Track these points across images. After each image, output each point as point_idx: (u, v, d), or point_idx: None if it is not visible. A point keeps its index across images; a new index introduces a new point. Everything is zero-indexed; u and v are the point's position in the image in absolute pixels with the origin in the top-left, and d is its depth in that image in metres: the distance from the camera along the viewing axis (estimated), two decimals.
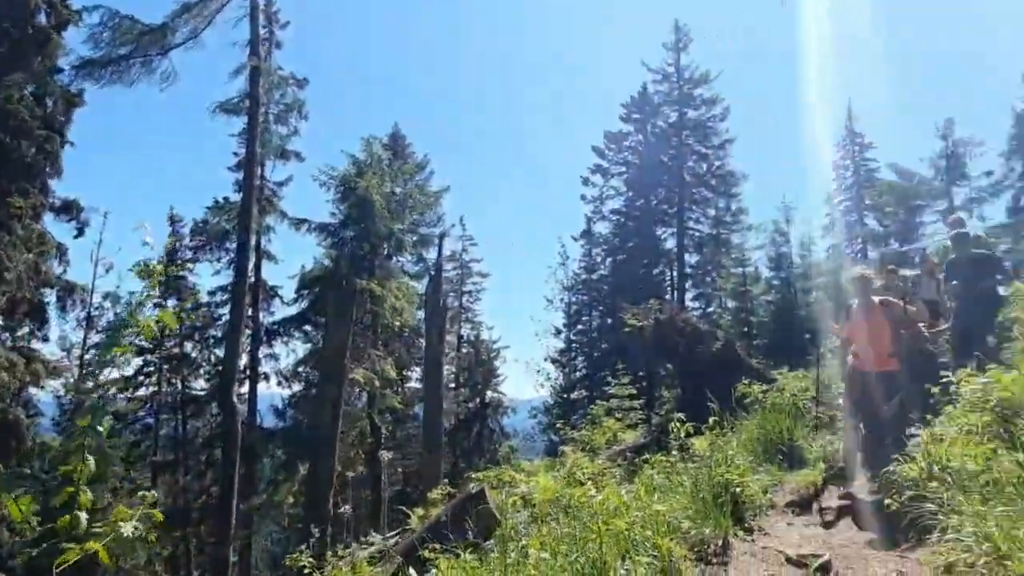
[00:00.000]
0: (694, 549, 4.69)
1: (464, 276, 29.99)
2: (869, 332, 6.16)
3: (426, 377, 12.41)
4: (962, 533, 3.74)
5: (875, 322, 6.14)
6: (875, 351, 6.10)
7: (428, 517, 8.25)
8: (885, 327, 6.11)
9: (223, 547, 15.65)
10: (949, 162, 26.26)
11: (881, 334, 6.10)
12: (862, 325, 6.23)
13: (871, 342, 6.13)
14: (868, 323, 6.18)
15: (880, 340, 6.08)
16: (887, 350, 6.06)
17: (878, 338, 6.09)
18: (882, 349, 6.07)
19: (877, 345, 6.09)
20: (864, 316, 6.23)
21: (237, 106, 19.65)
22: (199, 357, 25.50)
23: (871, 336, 6.13)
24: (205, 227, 23.31)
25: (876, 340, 6.10)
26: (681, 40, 30.07)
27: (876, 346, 6.09)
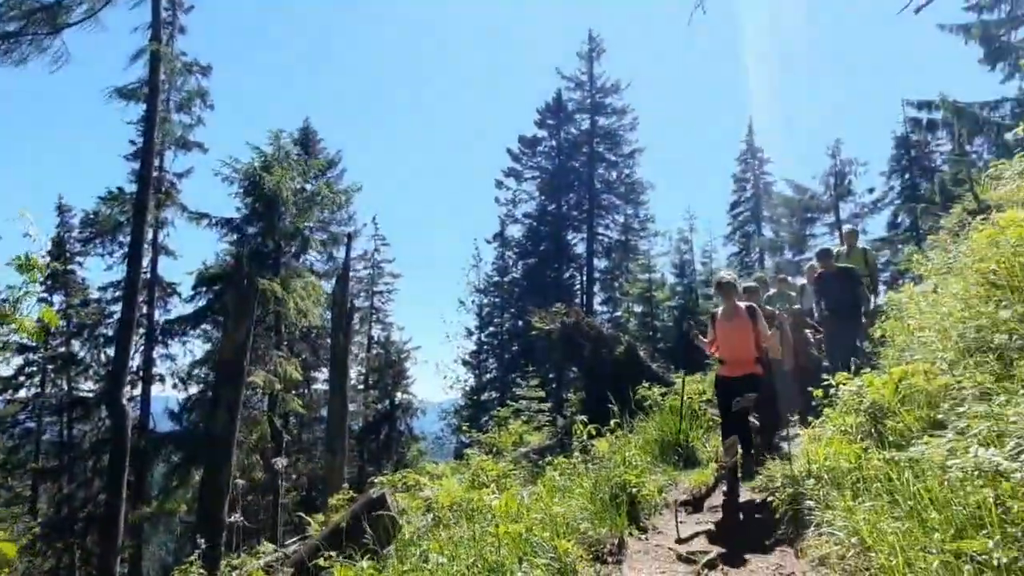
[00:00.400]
0: (591, 549, 4.78)
1: (376, 276, 29.50)
2: (732, 338, 6.01)
3: (331, 378, 12.11)
4: (834, 527, 4.00)
5: (738, 328, 5.98)
6: (738, 357, 5.97)
7: (328, 524, 8.03)
8: (747, 333, 5.96)
9: (109, 558, 14.69)
10: (837, 179, 28.13)
11: (744, 340, 5.96)
12: (726, 331, 6.07)
13: (734, 348, 6.00)
14: (731, 329, 6.02)
15: (743, 346, 5.96)
16: (750, 356, 5.96)
17: (741, 344, 5.96)
18: (745, 355, 5.96)
19: (740, 351, 5.97)
20: (727, 322, 6.06)
21: (135, 92, 18.51)
22: (88, 357, 23.86)
23: (734, 342, 5.99)
24: (97, 218, 21.79)
25: (739, 346, 5.97)
26: (594, 49, 30.83)
27: (739, 352, 5.97)
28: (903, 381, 5.14)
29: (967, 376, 4.46)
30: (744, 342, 5.95)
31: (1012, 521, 2.84)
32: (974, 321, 5.10)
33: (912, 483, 3.74)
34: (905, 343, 6.73)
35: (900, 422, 4.77)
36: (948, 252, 9.35)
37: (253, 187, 19.12)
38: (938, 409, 4.75)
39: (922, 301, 7.36)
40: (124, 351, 16.16)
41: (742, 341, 5.94)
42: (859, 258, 9.91)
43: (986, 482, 3.25)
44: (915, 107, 25.61)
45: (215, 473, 10.70)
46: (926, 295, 7.69)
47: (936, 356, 5.51)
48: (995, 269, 5.02)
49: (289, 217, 19.22)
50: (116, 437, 15.57)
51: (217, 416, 10.77)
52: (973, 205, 10.98)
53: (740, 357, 5.95)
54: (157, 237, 21.12)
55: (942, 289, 7.30)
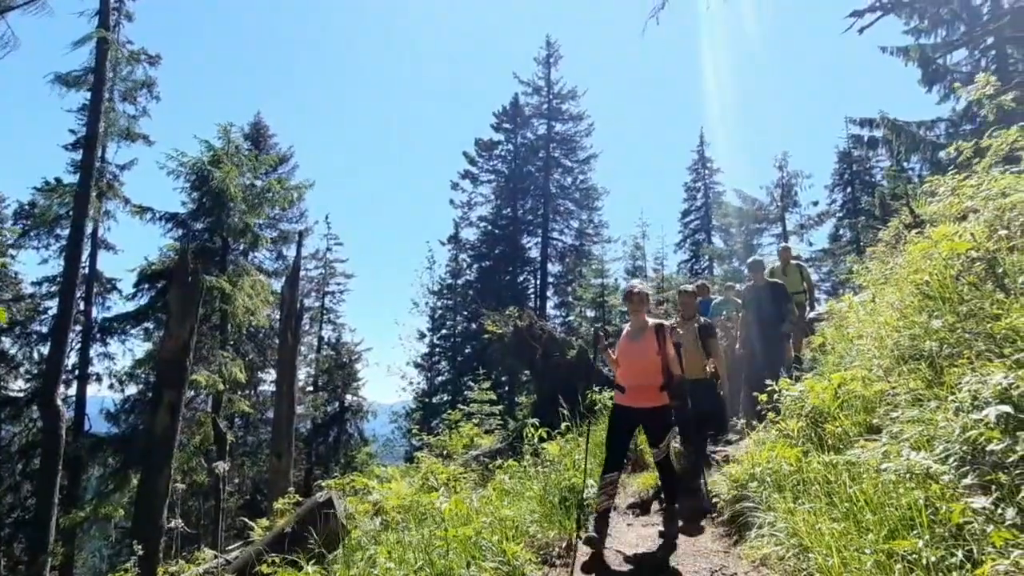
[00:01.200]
0: (540, 552, 4.79)
1: (328, 276, 29.00)
2: (636, 361, 5.09)
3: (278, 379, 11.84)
4: (775, 528, 4.10)
5: (644, 349, 5.06)
6: (640, 384, 5.03)
7: (272, 527, 7.84)
8: (653, 355, 5.00)
9: (37, 566, 14.03)
10: (783, 191, 29.01)
11: (648, 364, 5.00)
12: (630, 352, 5.14)
13: (637, 373, 5.06)
14: (636, 350, 5.11)
15: (647, 371, 5.00)
16: (655, 383, 4.99)
17: (645, 369, 5.01)
18: (649, 382, 4.99)
19: (643, 376, 5.02)
20: (633, 341, 5.16)
21: (79, 79, 17.81)
22: (19, 354, 22.73)
23: (638, 366, 5.06)
24: (33, 210, 20.86)
25: (643, 371, 5.02)
26: (552, 55, 31.08)
27: (642, 378, 5.02)
28: (842, 387, 5.32)
29: (901, 382, 4.63)
30: (649, 366, 4.97)
31: (940, 521, 2.96)
32: (908, 330, 5.30)
33: (848, 485, 3.86)
34: (845, 350, 6.97)
35: (839, 426, 4.92)
36: (885, 264, 9.72)
37: (200, 181, 18.57)
38: (874, 414, 4.93)
39: (861, 310, 7.62)
40: (60, 349, 15.51)
41: (647, 365, 4.97)
42: (795, 275, 10.10)
43: (917, 484, 3.38)
44: (857, 124, 26.60)
45: (154, 476, 10.34)
46: (865, 304, 7.97)
47: (873, 363, 5.71)
48: (928, 280, 5.22)
49: (238, 213, 18.71)
50: (49, 438, 14.92)
51: (158, 417, 10.40)
52: (909, 219, 11.40)
53: (643, 383, 4.98)
54: (97, 231, 20.32)
55: (879, 299, 7.58)
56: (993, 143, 6.55)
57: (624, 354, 5.18)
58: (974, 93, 6.77)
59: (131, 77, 19.90)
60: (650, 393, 4.98)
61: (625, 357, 5.17)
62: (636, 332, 5.18)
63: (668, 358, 5.00)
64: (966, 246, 4.97)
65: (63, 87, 18.02)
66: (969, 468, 3.07)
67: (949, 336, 4.51)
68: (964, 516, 2.77)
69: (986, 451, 3.00)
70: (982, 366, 3.67)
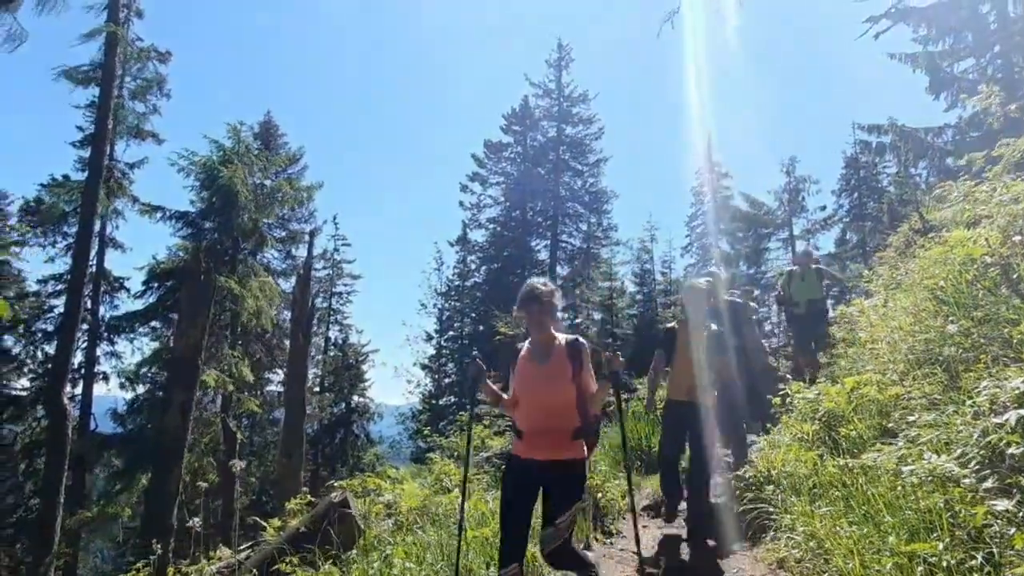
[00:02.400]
0: None
1: (335, 276, 29.07)
2: (539, 393, 3.50)
3: (289, 379, 11.89)
4: (793, 531, 4.13)
5: (550, 376, 3.47)
6: (544, 427, 3.45)
7: (285, 528, 7.87)
8: (564, 386, 3.45)
9: (41, 567, 14.05)
10: (791, 196, 29.01)
11: (557, 397, 3.46)
12: (530, 380, 3.55)
13: (540, 410, 3.49)
14: (540, 378, 3.51)
15: (556, 409, 3.45)
16: (566, 425, 3.44)
17: (553, 404, 3.46)
18: (557, 424, 3.44)
19: (550, 417, 3.45)
20: (535, 364, 3.55)
21: (87, 76, 17.85)
22: (22, 352, 22.79)
23: (542, 400, 3.49)
24: (39, 207, 20.91)
25: (549, 408, 3.46)
26: (563, 58, 31.13)
27: (548, 418, 3.45)
28: (856, 391, 5.35)
29: (916, 387, 4.65)
30: (557, 402, 3.43)
31: (960, 525, 2.98)
32: (923, 335, 5.32)
33: (866, 488, 3.89)
34: (857, 354, 6.99)
35: (854, 430, 4.95)
36: (897, 269, 9.74)
37: (210, 181, 18.62)
38: (889, 418, 4.94)
39: (872, 315, 7.65)
40: (66, 347, 15.53)
41: (554, 400, 3.43)
42: (814, 279, 9.60)
43: (936, 487, 3.40)
44: (865, 130, 26.57)
45: (164, 476, 10.38)
46: (876, 309, 7.99)
47: (887, 367, 5.74)
48: (943, 285, 5.25)
49: (248, 213, 18.77)
50: (54, 437, 14.93)
51: (168, 417, 10.45)
52: (919, 225, 11.43)
53: (547, 426, 3.42)
54: (105, 229, 20.34)
55: (892, 304, 7.60)
56: (1005, 151, 6.59)
57: (522, 384, 3.55)
58: (979, 102, 6.81)
59: (141, 74, 19.97)
60: (558, 441, 3.40)
61: (524, 388, 3.54)
62: (540, 352, 3.55)
63: (585, 390, 3.46)
64: (981, 251, 5.00)
65: (71, 83, 18.08)
66: (989, 472, 3.09)
67: (964, 341, 4.53)
68: (985, 519, 2.80)
69: (1006, 455, 3.03)
70: (999, 371, 3.70)
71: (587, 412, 3.53)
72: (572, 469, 3.45)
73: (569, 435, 3.44)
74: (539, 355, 3.57)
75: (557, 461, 3.43)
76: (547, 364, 3.52)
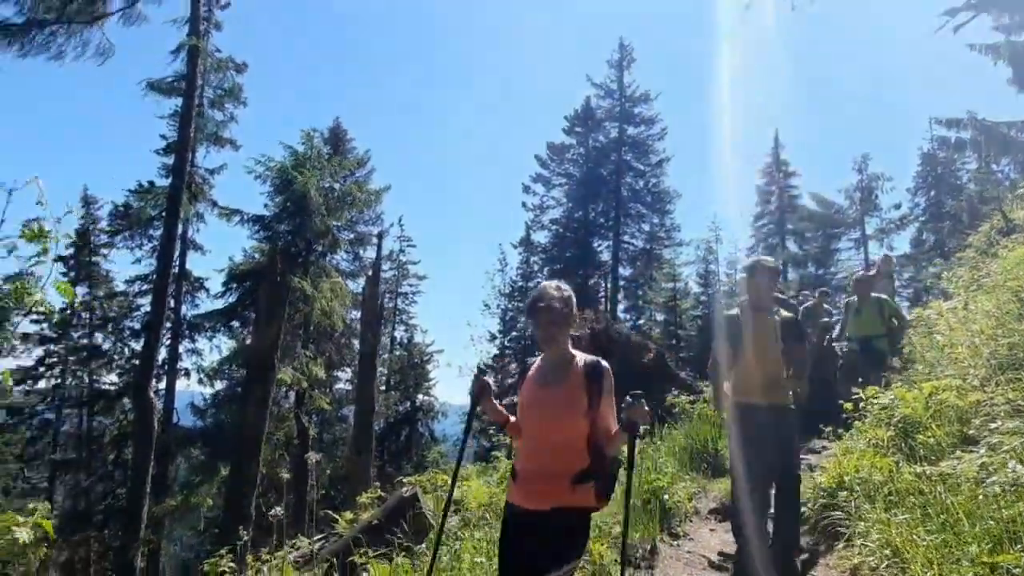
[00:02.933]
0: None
1: (401, 277, 29.74)
2: (544, 421, 2.84)
3: (360, 377, 12.28)
4: (868, 539, 4.07)
5: (559, 400, 2.83)
6: (545, 468, 2.80)
7: (357, 521, 8.17)
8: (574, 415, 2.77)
9: (130, 551, 14.91)
10: (863, 194, 28.02)
11: (562, 428, 2.80)
12: (535, 404, 2.90)
13: (543, 444, 2.85)
14: (545, 402, 2.86)
15: (560, 443, 2.79)
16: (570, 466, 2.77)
17: (557, 436, 2.81)
18: (559, 466, 2.78)
19: (554, 453, 2.80)
20: (543, 386, 2.91)
21: (171, 87, 18.91)
22: (111, 350, 24.24)
23: (547, 430, 2.84)
24: (127, 211, 22.20)
25: (553, 441, 2.81)
26: (625, 58, 30.93)
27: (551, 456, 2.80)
28: (933, 396, 5.21)
29: (999, 393, 4.52)
30: (562, 436, 2.78)
31: None
32: (1006, 338, 5.15)
33: (945, 497, 3.81)
34: (935, 359, 6.77)
35: (931, 437, 4.83)
36: (978, 270, 9.34)
37: (285, 185, 19.37)
38: (970, 425, 4.81)
39: (951, 317, 7.38)
40: (153, 344, 16.41)
41: (560, 434, 2.79)
42: (874, 315, 8.06)
43: (1020, 497, 3.32)
44: (943, 125, 25.41)
45: (243, 468, 10.91)
46: (955, 311, 7.70)
47: (967, 372, 5.56)
48: None
49: (319, 216, 19.45)
50: (142, 429, 15.76)
51: (247, 411, 10.98)
52: (1001, 224, 10.93)
53: (547, 468, 2.78)
54: (187, 232, 21.36)
55: (973, 306, 7.32)
56: None
57: (524, 410, 2.94)
58: None
59: (220, 84, 20.93)
60: (558, 487, 2.73)
61: (525, 417, 2.93)
62: (550, 373, 2.90)
63: (601, 424, 2.77)
64: None
65: (156, 94, 19.17)
66: None
67: None
68: None
69: None
70: None
71: (601, 453, 2.78)
72: (571, 520, 2.74)
73: (570, 479, 2.71)
74: (548, 376, 2.89)
75: (556, 509, 2.72)
76: (557, 389, 2.81)
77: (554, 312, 2.81)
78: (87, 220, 25.37)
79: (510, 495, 2.97)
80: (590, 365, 2.83)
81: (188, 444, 20.21)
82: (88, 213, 25.42)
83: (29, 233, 3.04)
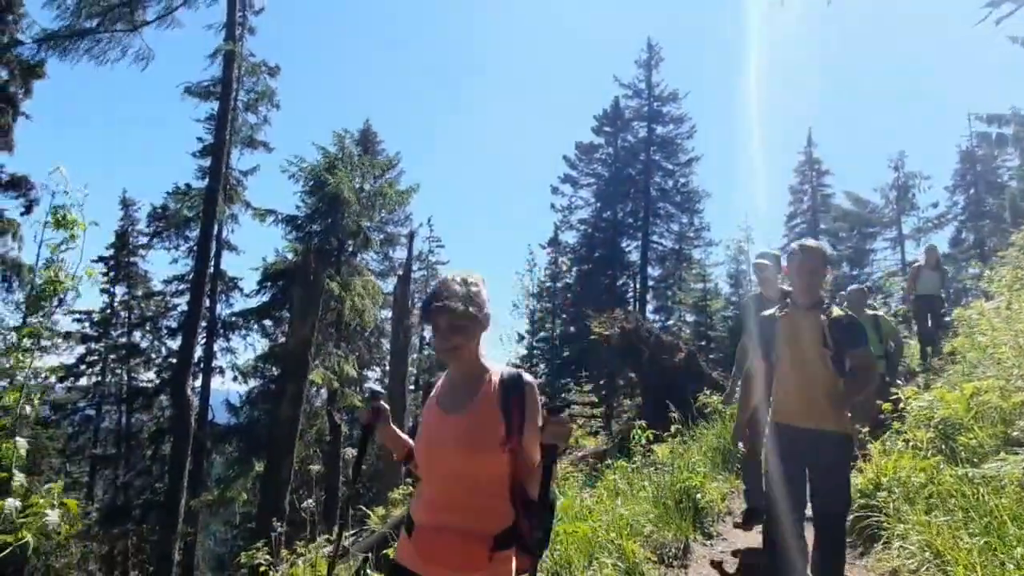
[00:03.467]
0: (656, 552, 4.87)
1: (430, 277, 29.93)
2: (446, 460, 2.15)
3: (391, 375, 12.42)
4: (907, 541, 4.01)
5: (471, 434, 2.13)
6: (448, 521, 2.12)
7: (389, 516, 8.29)
8: (494, 453, 2.11)
9: (167, 544, 15.28)
10: (899, 193, 27.44)
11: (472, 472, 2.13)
12: (436, 437, 2.20)
13: (449, 491, 2.16)
14: (448, 437, 2.16)
15: (471, 490, 2.12)
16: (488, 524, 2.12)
17: (464, 483, 2.12)
18: (470, 521, 2.10)
19: (457, 502, 2.13)
20: (445, 413, 2.22)
21: (208, 91, 19.30)
22: (149, 348, 24.84)
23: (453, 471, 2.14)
24: (164, 213, 22.74)
25: (461, 488, 2.13)
26: (653, 58, 30.72)
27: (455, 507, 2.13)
28: (975, 397, 5.11)
29: None
30: (475, 478, 2.12)
31: None
32: None
33: (988, 499, 3.74)
34: (977, 359, 6.63)
35: (973, 438, 4.74)
36: (1021, 269, 9.12)
37: (318, 186, 19.65)
38: (1014, 426, 4.71)
39: (994, 317, 7.22)
40: (190, 342, 16.77)
41: (470, 476, 2.12)
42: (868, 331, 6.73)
43: None
44: (984, 121, 24.81)
45: (278, 463, 11.11)
46: (998, 311, 7.52)
47: (1011, 373, 5.44)
48: None
49: (352, 216, 19.68)
50: (179, 426, 16.14)
51: (282, 408, 11.17)
52: None
53: (457, 523, 2.10)
54: (222, 232, 21.73)
55: (1016, 306, 7.15)
56: None
57: (425, 445, 2.23)
58: None
59: (254, 88, 21.28)
60: (470, 553, 2.07)
61: (426, 453, 2.22)
62: (455, 394, 2.24)
63: (526, 458, 2.13)
64: None
65: (192, 98, 19.60)
66: None
67: None
68: None
69: None
70: None
71: (523, 494, 2.12)
72: None
73: (488, 544, 2.05)
74: (453, 398, 2.20)
75: None
76: (464, 415, 2.13)
77: (456, 314, 2.11)
78: (126, 222, 26.10)
79: (400, 554, 2.21)
80: (508, 380, 2.15)
81: (223, 440, 20.61)
82: (127, 215, 26.14)
83: (56, 219, 3.08)
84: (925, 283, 10.46)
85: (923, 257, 11.06)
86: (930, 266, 10.59)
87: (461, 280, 2.20)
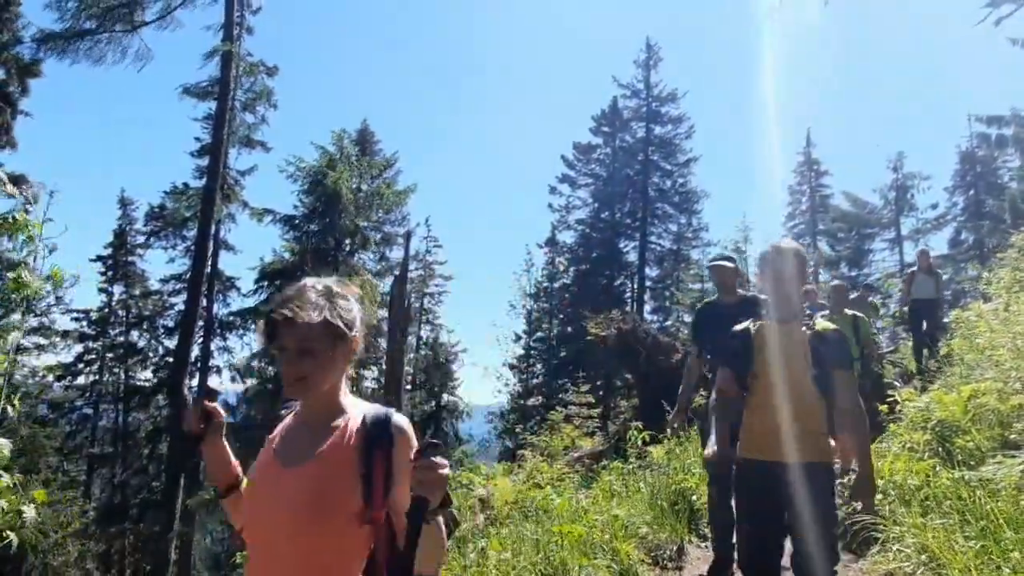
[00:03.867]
0: (651, 554, 4.85)
1: (427, 277, 29.85)
2: (281, 528, 1.51)
3: (388, 377, 12.36)
4: (903, 544, 3.98)
5: (312, 494, 1.52)
6: None
7: None
8: (348, 521, 1.50)
9: (164, 542, 15.27)
10: (898, 194, 27.43)
11: (313, 545, 1.50)
12: (272, 498, 1.56)
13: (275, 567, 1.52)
14: (289, 499, 1.52)
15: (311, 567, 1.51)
16: None
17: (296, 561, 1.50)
18: None
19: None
20: (284, 468, 1.60)
21: (205, 90, 19.25)
22: (146, 347, 24.81)
23: (284, 547, 1.50)
24: (162, 212, 22.68)
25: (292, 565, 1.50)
26: (651, 58, 30.71)
27: None
28: (973, 400, 5.09)
29: None
30: (316, 554, 1.48)
31: None
32: None
33: (984, 502, 3.72)
34: (975, 361, 6.60)
35: (970, 441, 4.72)
36: (1019, 270, 9.09)
37: (316, 185, 19.61)
38: (1011, 429, 4.68)
39: (992, 319, 7.19)
40: (187, 341, 16.78)
41: (309, 548, 1.48)
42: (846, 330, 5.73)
43: None
44: (983, 122, 24.81)
45: None
46: (996, 313, 7.50)
47: (1009, 376, 5.41)
48: None
49: (349, 215, 19.65)
50: (176, 425, 16.18)
51: (277, 408, 11.13)
52: None
53: None
54: (219, 232, 21.65)
55: (1015, 308, 7.12)
56: None
57: (253, 506, 1.64)
58: None
59: (252, 88, 21.20)
60: None
61: (256, 517, 1.61)
62: (298, 440, 1.65)
63: (393, 526, 1.52)
64: None
65: (191, 98, 19.54)
66: None
67: None
68: None
69: None
70: None
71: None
72: None
73: None
74: (296, 446, 1.63)
75: None
76: (305, 470, 1.56)
77: (312, 330, 1.54)
78: (124, 221, 26.02)
79: None
80: (372, 426, 1.58)
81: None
82: (125, 214, 26.06)
83: (8, 226, 3.08)
84: (919, 287, 10.52)
85: (916, 261, 11.10)
86: (923, 270, 10.62)
87: (323, 288, 1.61)
